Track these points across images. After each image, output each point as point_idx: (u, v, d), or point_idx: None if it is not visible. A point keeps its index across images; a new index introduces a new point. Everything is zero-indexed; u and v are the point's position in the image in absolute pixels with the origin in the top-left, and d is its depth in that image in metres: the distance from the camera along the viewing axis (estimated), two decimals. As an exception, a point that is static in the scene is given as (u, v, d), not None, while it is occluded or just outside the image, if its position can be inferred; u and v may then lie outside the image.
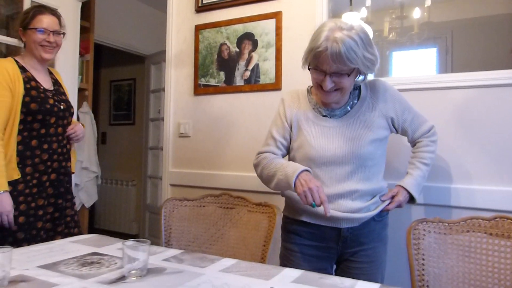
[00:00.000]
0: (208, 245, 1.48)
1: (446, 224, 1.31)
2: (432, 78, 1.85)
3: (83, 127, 2.12)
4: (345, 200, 1.40)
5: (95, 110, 3.68)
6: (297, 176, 1.34)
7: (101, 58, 5.21)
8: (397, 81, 1.87)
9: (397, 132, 1.52)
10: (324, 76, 1.32)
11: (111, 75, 5.42)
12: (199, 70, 2.38)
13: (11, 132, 1.79)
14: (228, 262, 1.21)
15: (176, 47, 2.50)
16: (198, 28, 2.39)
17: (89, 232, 3.13)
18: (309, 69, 1.39)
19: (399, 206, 1.46)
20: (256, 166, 1.52)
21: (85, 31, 3.36)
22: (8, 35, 2.82)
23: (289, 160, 1.55)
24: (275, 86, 2.14)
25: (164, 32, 2.62)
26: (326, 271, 1.44)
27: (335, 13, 2.28)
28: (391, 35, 3.17)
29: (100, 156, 3.77)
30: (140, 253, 1.05)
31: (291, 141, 1.52)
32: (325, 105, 1.48)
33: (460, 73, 1.80)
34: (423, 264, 1.27)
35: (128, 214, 4.97)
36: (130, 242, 1.06)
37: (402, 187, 1.47)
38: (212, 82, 2.34)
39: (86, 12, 3.32)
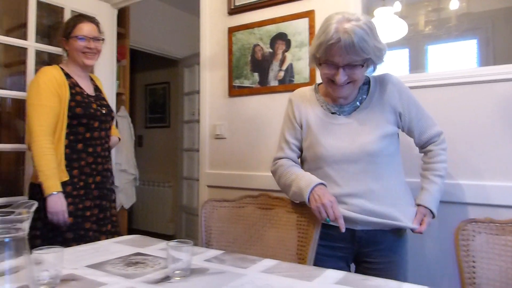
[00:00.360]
0: (248, 246, 1.49)
1: (498, 224, 1.25)
2: (473, 71, 1.79)
3: (118, 139, 2.18)
4: (359, 199, 1.37)
5: (131, 114, 3.78)
6: (311, 191, 1.34)
7: (136, 63, 5.33)
8: (434, 77, 1.82)
9: (403, 130, 1.47)
10: (336, 69, 1.31)
11: (146, 79, 5.55)
12: (233, 71, 2.40)
13: (59, 136, 1.88)
14: (269, 263, 1.21)
15: (210, 49, 2.53)
16: (231, 30, 2.41)
17: (128, 233, 3.22)
18: (318, 65, 1.39)
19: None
20: (273, 173, 1.54)
21: (121, 37, 3.45)
22: (50, 44, 2.94)
23: (301, 160, 1.55)
24: (310, 85, 2.12)
25: (196, 35, 2.66)
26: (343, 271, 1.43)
27: (367, 9, 2.25)
28: (427, 29, 3.09)
29: (137, 159, 3.86)
30: (184, 253, 1.07)
31: (302, 141, 1.52)
32: (334, 101, 1.46)
33: (503, 65, 1.73)
34: (473, 267, 1.22)
35: (164, 215, 5.07)
36: (173, 243, 1.09)
37: (425, 206, 1.43)
38: (246, 83, 2.35)
39: (122, 18, 3.42)
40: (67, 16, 2.74)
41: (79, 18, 2.06)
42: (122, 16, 3.44)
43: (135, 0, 2.93)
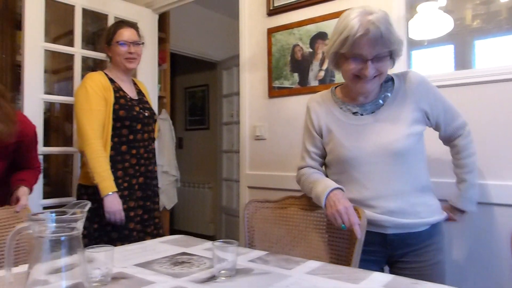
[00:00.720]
0: (291, 247, 1.48)
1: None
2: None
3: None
4: (387, 201, 1.33)
5: (171, 116, 3.86)
6: (327, 196, 1.32)
7: (175, 66, 5.44)
8: (482, 73, 1.75)
9: (431, 126, 1.43)
10: (364, 63, 1.28)
11: (185, 83, 5.65)
12: (273, 72, 2.40)
13: (106, 138, 1.95)
14: (313, 264, 1.20)
15: (249, 51, 2.54)
16: (270, 31, 2.41)
17: (170, 233, 3.28)
18: (337, 64, 1.37)
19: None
20: (298, 183, 1.54)
21: (161, 41, 3.53)
22: (94, 50, 3.05)
23: (325, 165, 1.52)
24: (351, 84, 2.09)
25: (234, 38, 2.68)
26: None
27: (410, 5, 2.18)
28: (475, 23, 2.95)
29: (177, 160, 3.93)
30: (229, 254, 1.07)
31: (324, 147, 1.49)
32: (354, 101, 1.42)
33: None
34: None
35: (204, 215, 5.14)
36: (219, 243, 1.09)
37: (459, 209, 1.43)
38: (286, 84, 2.34)
39: (162, 23, 3.49)
40: (110, 22, 2.84)
41: (119, 24, 2.13)
42: (163, 21, 3.51)
43: (175, 4, 2.99)
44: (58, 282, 0.77)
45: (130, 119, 2.01)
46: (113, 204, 1.87)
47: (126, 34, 2.06)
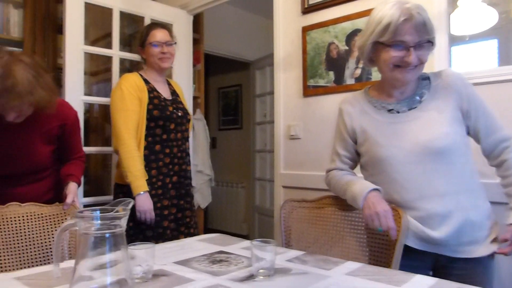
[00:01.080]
0: (328, 247, 1.46)
1: None
2: None
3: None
4: (430, 203, 1.27)
5: (205, 116, 3.91)
6: (365, 197, 1.30)
7: (209, 67, 5.49)
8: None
9: (468, 131, 1.34)
10: (407, 50, 1.25)
11: (218, 83, 5.70)
12: (308, 71, 2.37)
13: (140, 138, 1.99)
14: (352, 265, 1.18)
15: (284, 50, 2.53)
16: (305, 30, 2.39)
17: (204, 232, 3.31)
18: (371, 58, 1.35)
19: None
20: (328, 185, 1.52)
21: (195, 42, 3.56)
22: (130, 52, 3.12)
23: (361, 166, 1.47)
24: (389, 82, 2.04)
25: (268, 37, 2.67)
26: None
27: (452, -1, 2.11)
28: (519, 17, 2.83)
29: (211, 160, 3.96)
30: (268, 253, 1.07)
31: (358, 149, 1.46)
32: (389, 97, 1.38)
33: None
34: None
35: (238, 215, 5.16)
36: (257, 242, 1.09)
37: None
38: (321, 82, 2.32)
39: (196, 24, 3.52)
40: (146, 24, 2.89)
41: (151, 26, 2.18)
42: (197, 22, 3.55)
43: (209, 5, 3.01)
44: (103, 278, 0.79)
45: (163, 119, 2.04)
46: (145, 203, 1.91)
47: (158, 35, 2.10)
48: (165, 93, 2.16)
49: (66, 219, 1.61)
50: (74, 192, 1.69)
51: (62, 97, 2.52)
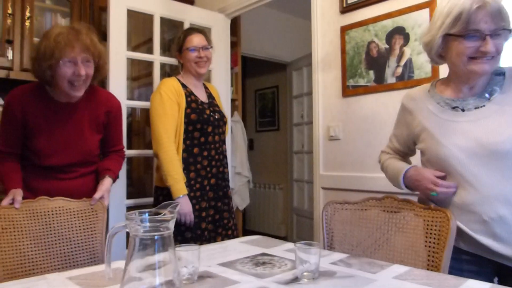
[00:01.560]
0: (373, 250, 1.43)
1: None
2: None
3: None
4: (493, 206, 1.20)
5: (243, 118, 3.93)
6: (407, 171, 1.36)
7: (245, 69, 5.53)
8: None
9: None
10: (483, 39, 1.17)
11: (255, 85, 5.72)
12: (347, 71, 2.34)
13: (178, 141, 2.04)
14: (399, 269, 1.15)
15: (322, 50, 2.50)
16: (344, 29, 2.35)
17: (243, 234, 3.33)
18: (441, 52, 1.30)
19: None
20: (380, 165, 1.59)
21: (233, 45, 3.60)
22: (170, 57, 3.18)
23: (422, 165, 1.42)
24: (432, 80, 1.97)
25: (304, 38, 2.66)
26: None
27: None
28: None
29: (249, 162, 3.98)
30: (312, 256, 1.06)
31: (417, 146, 1.42)
32: (455, 94, 1.32)
33: None
34: None
35: (276, 216, 5.16)
36: (301, 245, 1.08)
37: None
38: (361, 82, 2.28)
39: (233, 27, 3.55)
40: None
41: (188, 31, 2.22)
42: (234, 25, 3.58)
43: (247, 8, 3.03)
44: (152, 279, 0.81)
45: (201, 122, 2.08)
46: (185, 206, 1.96)
47: (195, 40, 2.13)
48: (202, 96, 2.19)
49: (94, 215, 1.62)
50: (107, 188, 1.70)
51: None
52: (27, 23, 2.60)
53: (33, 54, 1.63)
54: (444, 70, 1.95)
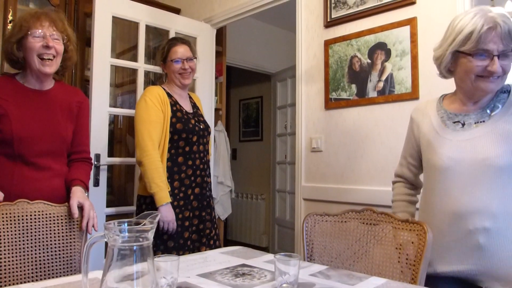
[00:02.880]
0: (352, 262, 1.45)
1: None
2: None
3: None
4: (481, 219, 1.23)
5: (226, 128, 3.93)
6: None
7: (230, 79, 5.54)
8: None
9: None
10: (491, 59, 1.21)
11: (240, 95, 5.74)
12: (330, 84, 2.38)
13: (162, 150, 2.02)
14: (377, 281, 1.16)
15: (306, 63, 2.54)
16: (328, 43, 2.39)
17: (224, 244, 3.32)
18: (449, 68, 1.33)
19: None
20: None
21: (218, 55, 3.61)
22: (155, 65, 3.17)
23: (424, 176, 1.46)
24: (412, 95, 2.03)
25: (289, 50, 2.70)
26: None
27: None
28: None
29: (231, 171, 3.98)
30: (291, 267, 1.06)
31: (421, 157, 1.46)
32: (459, 108, 1.36)
33: None
34: None
35: (258, 227, 5.15)
36: (280, 256, 1.09)
37: None
38: (344, 95, 2.31)
39: (218, 37, 3.57)
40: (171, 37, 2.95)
41: (172, 41, 2.21)
42: (219, 35, 3.59)
43: (233, 19, 3.06)
44: (131, 288, 0.80)
45: (186, 132, 2.07)
46: (168, 214, 1.95)
47: (179, 51, 2.13)
48: (186, 106, 2.19)
49: (73, 221, 1.57)
50: (87, 207, 1.58)
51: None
52: (9, 27, 2.57)
53: (5, 37, 1.67)
54: (424, 88, 2.00)
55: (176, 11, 3.34)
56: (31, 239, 1.48)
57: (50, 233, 1.52)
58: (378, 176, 2.16)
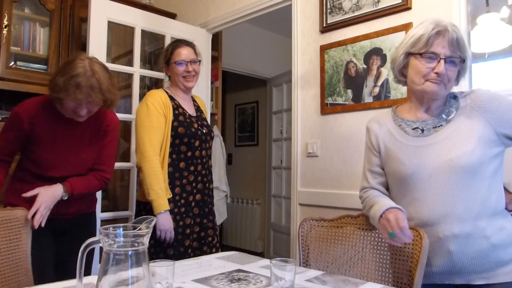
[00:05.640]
0: (348, 267, 1.44)
1: None
2: None
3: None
4: (451, 224, 1.25)
5: (222, 133, 3.93)
6: (382, 213, 1.29)
7: (226, 83, 5.55)
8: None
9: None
10: (438, 61, 1.26)
11: (235, 99, 5.74)
12: (326, 89, 2.38)
13: (164, 155, 1.97)
14: (373, 287, 1.16)
15: (302, 68, 2.54)
16: (323, 48, 2.40)
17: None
18: (402, 70, 1.38)
19: None
20: (362, 204, 1.50)
21: (214, 60, 3.61)
22: (151, 69, 3.17)
23: (388, 188, 1.46)
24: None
25: (285, 55, 2.70)
26: None
27: (471, 17, 2.10)
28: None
29: (227, 176, 3.97)
30: (287, 272, 1.06)
31: (383, 168, 1.46)
32: (415, 116, 1.39)
33: None
34: None
35: (253, 232, 5.13)
36: (276, 261, 1.08)
37: None
38: (340, 100, 2.32)
39: (214, 42, 3.58)
40: (167, 43, 2.95)
41: (176, 43, 2.14)
42: (215, 40, 3.60)
43: (229, 24, 3.06)
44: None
45: (188, 136, 2.01)
46: (166, 222, 1.89)
47: (183, 53, 2.07)
48: (190, 109, 2.13)
49: (19, 226, 1.52)
50: (41, 199, 1.58)
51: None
52: (5, 32, 2.56)
53: (53, 73, 1.72)
54: (419, 91, 2.01)
55: (172, 16, 3.34)
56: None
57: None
58: (373, 181, 2.16)
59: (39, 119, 1.70)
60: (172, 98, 2.05)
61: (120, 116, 2.89)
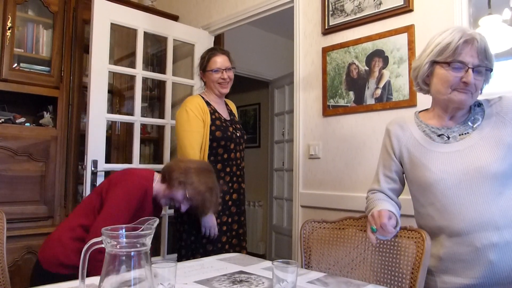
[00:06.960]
0: (350, 269, 1.44)
1: None
2: None
3: None
4: (486, 232, 1.20)
5: (224, 135, 3.94)
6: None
7: (228, 85, 5.53)
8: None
9: None
10: (465, 71, 1.23)
11: (237, 101, 5.71)
12: (328, 91, 2.38)
13: (203, 157, 2.08)
14: (375, 288, 1.16)
15: (304, 70, 2.54)
16: (326, 50, 2.40)
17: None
18: (426, 78, 1.34)
19: None
20: (365, 206, 1.47)
21: (216, 62, 3.61)
22: (153, 71, 3.18)
23: (412, 196, 1.41)
24: (410, 103, 2.03)
25: (287, 57, 2.71)
26: None
27: (474, 20, 2.10)
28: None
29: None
30: (289, 274, 1.06)
31: (406, 175, 1.42)
32: (439, 123, 1.36)
33: None
34: None
35: (255, 234, 5.13)
36: (278, 263, 1.09)
37: None
38: (341, 102, 2.32)
39: (217, 44, 3.57)
40: (169, 44, 2.96)
41: (212, 52, 2.29)
42: (217, 42, 3.59)
43: (231, 26, 3.07)
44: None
45: (225, 139, 2.14)
46: (210, 220, 2.02)
47: (219, 61, 2.22)
48: (224, 114, 2.26)
49: None
50: None
51: (86, 114, 2.58)
52: (8, 33, 2.57)
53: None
54: (421, 95, 2.00)
55: (174, 18, 3.35)
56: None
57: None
58: (375, 183, 2.16)
59: None
60: (208, 103, 2.18)
61: (123, 117, 2.92)
